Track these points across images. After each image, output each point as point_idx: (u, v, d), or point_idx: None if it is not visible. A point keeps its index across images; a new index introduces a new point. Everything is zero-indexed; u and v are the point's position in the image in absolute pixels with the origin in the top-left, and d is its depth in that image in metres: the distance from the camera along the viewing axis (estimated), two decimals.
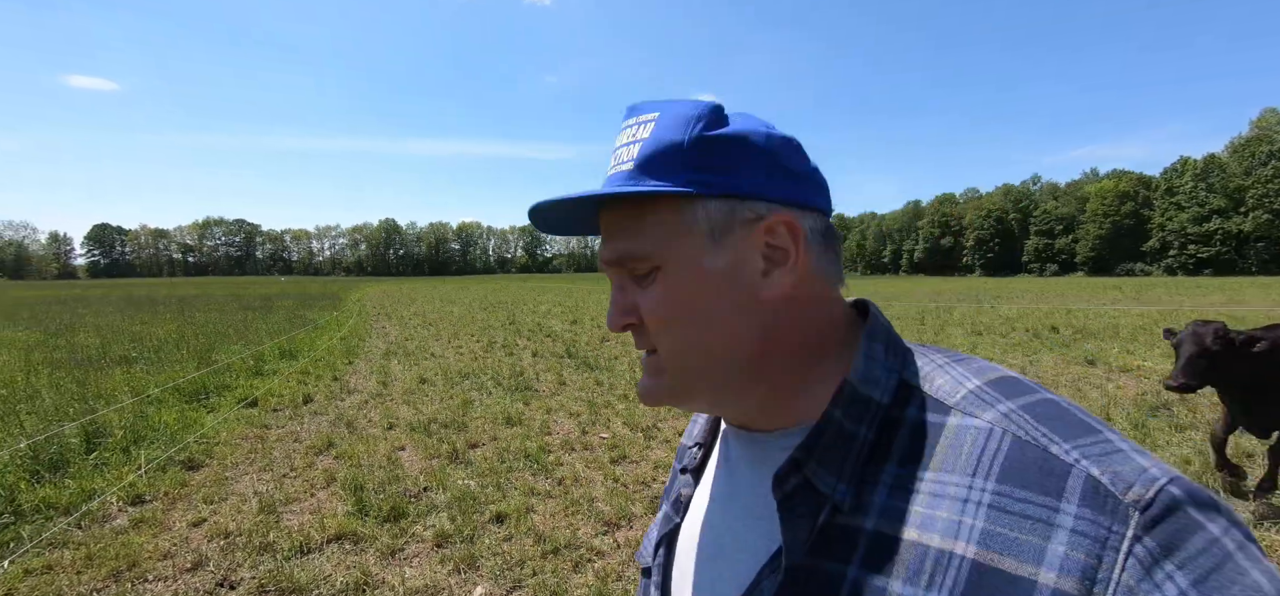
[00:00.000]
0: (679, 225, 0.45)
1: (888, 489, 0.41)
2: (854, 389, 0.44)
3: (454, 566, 3.01)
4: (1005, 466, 0.38)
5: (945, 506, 0.38)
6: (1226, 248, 71.12)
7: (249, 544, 3.26)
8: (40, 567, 3.07)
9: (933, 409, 0.43)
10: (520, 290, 37.87)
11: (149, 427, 5.24)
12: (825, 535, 0.42)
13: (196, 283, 68.38)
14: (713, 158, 0.44)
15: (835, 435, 0.43)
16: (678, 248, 0.45)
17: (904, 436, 0.42)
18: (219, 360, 8.68)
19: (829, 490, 0.42)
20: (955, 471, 0.39)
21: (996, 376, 0.43)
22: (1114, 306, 19.86)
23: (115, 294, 34.40)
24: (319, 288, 44.49)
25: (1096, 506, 0.34)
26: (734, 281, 0.45)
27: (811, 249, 0.46)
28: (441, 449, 4.87)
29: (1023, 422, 0.39)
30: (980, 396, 0.42)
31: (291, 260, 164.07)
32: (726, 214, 0.44)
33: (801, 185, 0.46)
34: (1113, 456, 0.36)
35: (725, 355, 0.46)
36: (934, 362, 0.46)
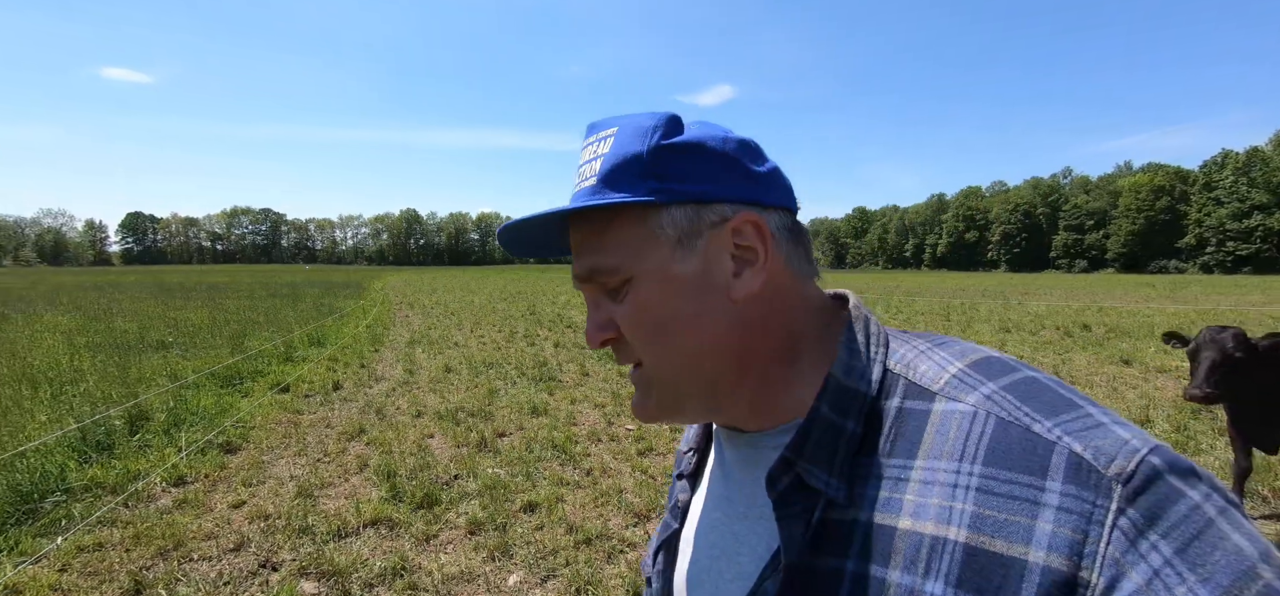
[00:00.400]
0: (646, 235, 0.45)
1: (879, 480, 0.41)
2: (838, 382, 0.44)
3: (488, 554, 3.05)
4: (990, 448, 0.38)
5: (936, 493, 0.39)
6: (1268, 245, 68.41)
7: (288, 526, 3.34)
8: (91, 544, 3.18)
9: (917, 396, 0.43)
10: (539, 281, 38.11)
11: (188, 411, 5.39)
12: (821, 531, 0.42)
13: (225, 270, 70.16)
14: (673, 165, 0.45)
15: (823, 430, 0.43)
16: (646, 257, 0.45)
17: (891, 426, 0.43)
18: (251, 347, 8.89)
19: (821, 486, 0.42)
20: (943, 457, 0.40)
21: (978, 358, 0.44)
22: (1147, 304, 19.28)
23: (148, 280, 35.45)
24: (342, 276, 45.31)
25: (1080, 482, 0.35)
26: (705, 284, 0.45)
27: (780, 245, 0.46)
28: (470, 437, 4.93)
29: (1005, 403, 0.39)
30: (962, 379, 0.42)
31: (315, 249, 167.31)
32: (692, 218, 0.45)
33: (763, 185, 0.46)
34: (1094, 430, 0.36)
35: (708, 359, 0.46)
36: (916, 349, 0.46)
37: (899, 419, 0.43)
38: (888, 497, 0.41)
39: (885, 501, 0.41)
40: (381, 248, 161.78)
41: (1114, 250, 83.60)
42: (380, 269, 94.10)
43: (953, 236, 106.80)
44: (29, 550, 3.12)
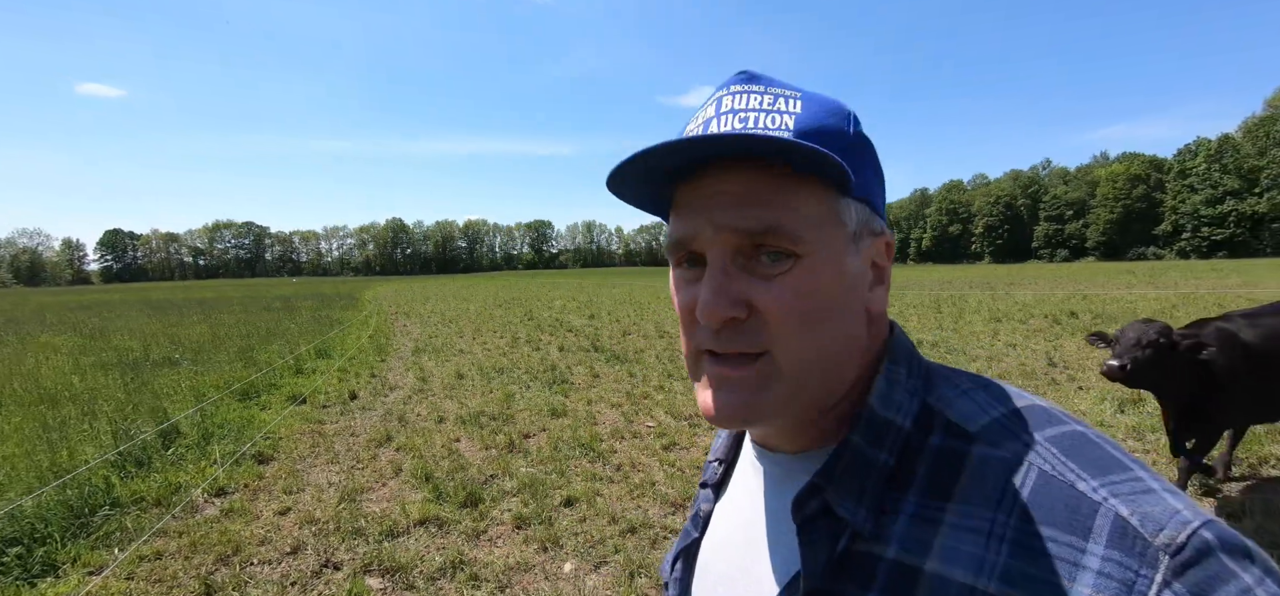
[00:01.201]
0: (833, 215, 0.42)
1: (908, 518, 0.41)
2: (874, 413, 0.44)
3: (539, 545, 3.21)
4: (1030, 501, 0.37)
5: (968, 540, 0.38)
6: (1240, 229, 70.43)
7: (340, 529, 3.48)
8: (150, 554, 3.29)
9: (956, 436, 0.42)
10: (530, 286, 38.13)
11: (215, 425, 5.48)
12: (845, 561, 0.42)
13: (210, 285, 69.21)
14: (862, 158, 0.44)
15: (854, 460, 0.43)
16: (828, 239, 0.42)
17: (926, 464, 0.42)
18: (261, 360, 8.94)
19: (848, 515, 0.42)
20: (978, 503, 0.39)
21: (1023, 405, 0.43)
22: (1130, 291, 19.83)
23: (134, 298, 34.93)
24: (332, 288, 44.96)
25: (1125, 548, 0.34)
26: (859, 288, 0.45)
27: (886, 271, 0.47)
28: (496, 440, 5.07)
29: (1049, 456, 0.38)
30: (1005, 426, 0.41)
31: (300, 261, 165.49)
32: (866, 218, 0.45)
33: (881, 199, 0.47)
34: (1144, 496, 0.35)
35: (839, 363, 0.45)
36: (957, 388, 0.45)
37: (935, 458, 0.42)
38: (917, 537, 0.40)
39: (914, 540, 0.40)
40: (368, 258, 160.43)
41: (1093, 239, 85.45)
42: (368, 279, 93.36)
43: (937, 230, 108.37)
44: (91, 562, 3.23)
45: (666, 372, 7.77)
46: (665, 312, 16.09)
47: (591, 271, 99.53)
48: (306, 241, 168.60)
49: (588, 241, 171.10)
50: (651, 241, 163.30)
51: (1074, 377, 6.76)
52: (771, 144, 0.38)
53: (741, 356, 0.42)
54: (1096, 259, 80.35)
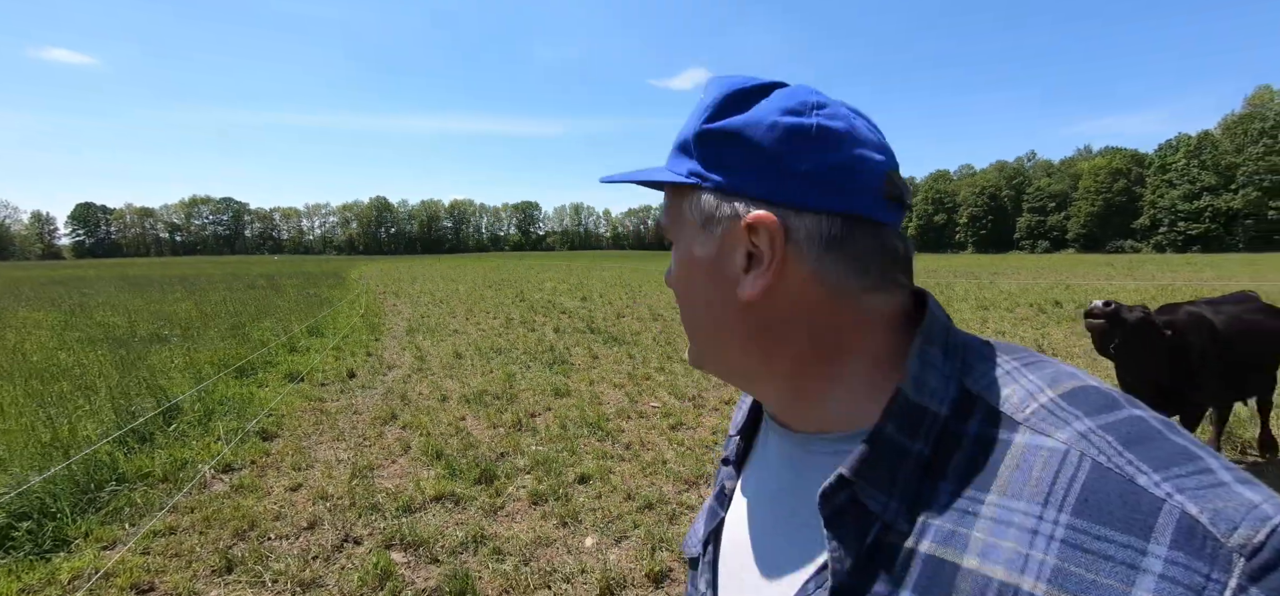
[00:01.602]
0: (682, 209, 0.48)
1: (945, 510, 0.38)
2: (907, 400, 0.41)
3: (558, 521, 3.25)
4: (1083, 496, 0.34)
5: (1012, 536, 0.35)
6: (1216, 225, 72.19)
7: (355, 505, 3.48)
8: (164, 529, 3.28)
9: (998, 424, 0.39)
10: (518, 267, 37.93)
11: (215, 402, 5.41)
12: (874, 554, 0.40)
13: (189, 262, 67.75)
14: (709, 149, 0.46)
15: (887, 450, 0.40)
16: (681, 231, 0.49)
17: (965, 453, 0.39)
18: (254, 338, 8.82)
19: (879, 509, 0.40)
20: (1023, 497, 0.36)
21: (1074, 386, 0.39)
22: (1110, 282, 20.32)
23: (111, 274, 34.09)
24: (316, 266, 44.25)
25: (1192, 550, 0.30)
26: (716, 274, 0.46)
27: (808, 253, 0.43)
28: (503, 419, 5.09)
29: (1104, 445, 0.35)
30: (1054, 411, 0.38)
31: (281, 239, 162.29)
32: (712, 207, 0.46)
33: (803, 184, 0.43)
34: (1214, 490, 0.32)
35: (719, 342, 0.49)
36: (1002, 368, 0.42)
37: (974, 446, 0.39)
38: (953, 531, 0.37)
39: (949, 534, 0.37)
40: (351, 236, 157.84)
41: (1074, 231, 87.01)
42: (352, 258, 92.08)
43: (922, 219, 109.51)
44: (103, 537, 3.20)
45: (665, 355, 7.82)
46: (657, 296, 16.14)
47: (579, 254, 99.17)
48: (288, 219, 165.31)
49: (575, 223, 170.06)
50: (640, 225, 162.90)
51: None
52: (636, 181, 0.51)
53: None
54: (1076, 251, 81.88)
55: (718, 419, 5.00)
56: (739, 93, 0.46)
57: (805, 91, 0.45)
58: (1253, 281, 19.71)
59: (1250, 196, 69.10)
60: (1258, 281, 19.67)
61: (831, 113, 0.44)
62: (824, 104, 0.44)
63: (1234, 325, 3.35)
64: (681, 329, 10.11)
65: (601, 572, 2.74)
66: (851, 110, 0.46)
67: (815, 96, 0.45)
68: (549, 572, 2.78)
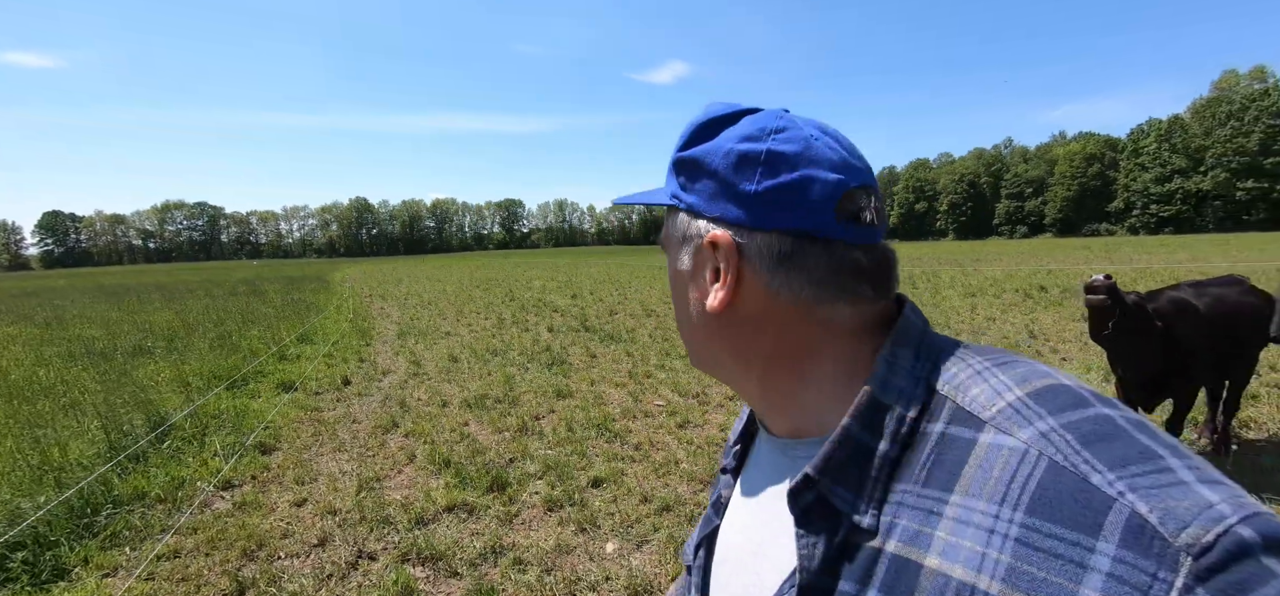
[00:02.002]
0: (669, 227, 0.53)
1: (911, 510, 0.39)
2: (873, 399, 0.42)
3: (576, 527, 3.21)
4: (1037, 494, 0.34)
5: (970, 535, 0.36)
6: (1186, 207, 74.12)
7: (365, 519, 3.40)
8: (167, 553, 3.17)
9: (964, 423, 0.39)
10: (504, 266, 37.61)
11: (208, 416, 5.27)
12: (843, 554, 0.41)
13: (165, 269, 66.07)
14: (684, 176, 0.51)
15: (853, 449, 0.41)
16: (669, 244, 0.54)
17: (931, 453, 0.40)
18: (242, 347, 8.61)
19: (846, 508, 0.41)
20: (982, 497, 0.36)
21: (1042, 385, 0.39)
22: (1089, 265, 20.71)
23: (84, 284, 33.09)
24: (297, 270, 43.45)
25: (1140, 549, 0.30)
26: (691, 287, 0.51)
27: (760, 269, 0.46)
28: (507, 423, 5.02)
29: (1063, 443, 0.35)
30: (1019, 410, 0.38)
31: (259, 243, 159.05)
32: (685, 226, 0.51)
33: (754, 206, 0.46)
34: (1168, 489, 0.31)
35: (703, 346, 0.53)
36: (972, 368, 0.42)
37: (939, 446, 0.39)
38: (918, 531, 0.38)
39: (914, 534, 0.38)
40: (331, 239, 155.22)
41: (1051, 215, 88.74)
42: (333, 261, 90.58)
43: (903, 208, 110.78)
44: (103, 563, 3.09)
45: (664, 351, 7.80)
46: (648, 291, 16.11)
47: (565, 251, 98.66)
48: (265, 222, 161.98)
49: (560, 220, 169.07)
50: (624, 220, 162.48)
51: (1057, 349, 7.06)
52: (642, 202, 0.56)
53: None
54: (1054, 235, 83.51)
55: (724, 416, 4.99)
56: (710, 122, 0.50)
57: (771, 117, 0.48)
58: (1226, 261, 20.25)
59: (1219, 178, 71.03)
60: (1230, 261, 20.22)
61: (787, 137, 0.46)
62: (783, 128, 0.46)
63: (1217, 308, 3.36)
64: (676, 327, 10.26)
65: (627, 579, 2.71)
66: (818, 130, 0.47)
67: (779, 121, 0.47)
68: (574, 581, 2.74)
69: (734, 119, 0.49)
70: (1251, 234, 53.29)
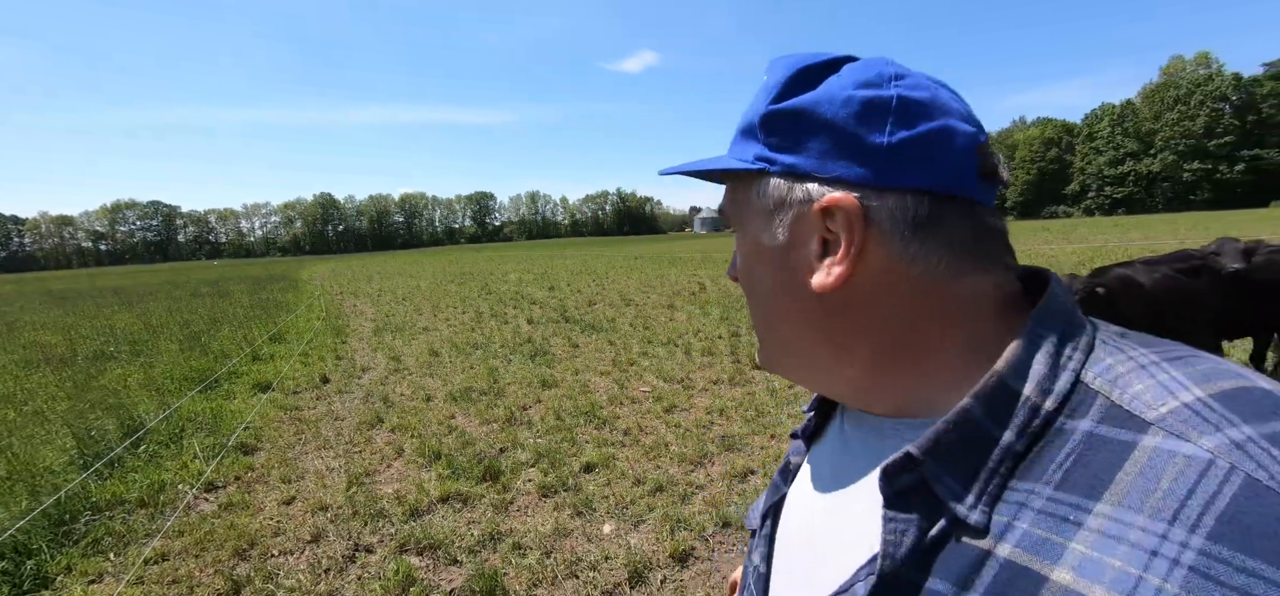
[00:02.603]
0: (748, 197, 0.46)
1: (1037, 514, 0.33)
2: (1003, 383, 0.36)
3: (572, 510, 3.26)
4: (1227, 516, 0.27)
5: (1121, 553, 0.29)
6: (1137, 188, 77.53)
7: (358, 514, 3.39)
8: (154, 556, 3.11)
9: (1121, 422, 0.33)
10: (477, 260, 37.15)
11: (184, 418, 5.14)
12: (937, 549, 0.35)
13: (120, 272, 63.21)
14: (777, 131, 0.43)
15: (970, 434, 0.36)
16: (747, 218, 0.46)
17: (1073, 452, 0.33)
18: (213, 349, 8.38)
19: (950, 497, 0.35)
20: (1144, 510, 0.29)
21: (1231, 386, 0.32)
22: (1049, 246, 21.52)
23: (31, 289, 31.51)
24: (262, 269, 42.12)
25: None
26: (784, 263, 0.44)
27: (891, 236, 0.40)
28: (495, 414, 5.03)
29: (1267, 458, 0.28)
30: (1200, 412, 0.31)
31: (219, 242, 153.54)
32: (782, 193, 0.43)
33: (884, 161, 0.39)
34: None
35: (789, 338, 0.46)
36: (1134, 360, 0.36)
37: (1085, 446, 0.33)
38: (1045, 538, 0.32)
39: (1039, 541, 0.32)
40: (296, 236, 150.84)
41: (1012, 199, 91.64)
42: (299, 259, 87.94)
43: None
44: (87, 570, 3.02)
45: (645, 339, 7.87)
46: (625, 281, 16.15)
47: (538, 243, 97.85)
48: (224, 220, 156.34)
49: (532, 212, 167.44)
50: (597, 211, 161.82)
51: None
52: (697, 171, 0.49)
53: None
54: (1015, 218, 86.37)
55: (709, 400, 5.09)
56: (808, 69, 0.43)
57: (881, 63, 0.42)
58: (1175, 240, 21.29)
59: (1167, 160, 74.42)
60: (1179, 240, 21.26)
61: (912, 83, 0.41)
62: (903, 75, 0.41)
63: (1167, 282, 3.44)
64: (656, 315, 10.11)
65: (626, 557, 2.77)
66: (934, 80, 0.43)
67: (893, 67, 0.42)
68: (574, 562, 2.80)
69: (834, 66, 0.43)
70: (1197, 213, 56.13)
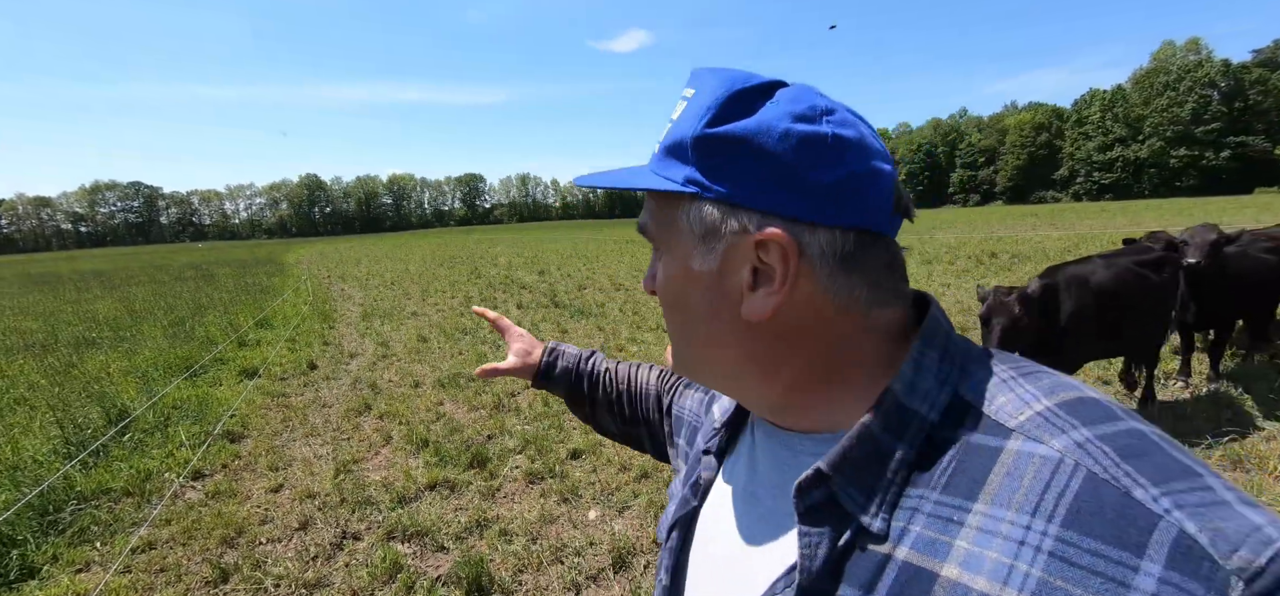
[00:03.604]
0: (676, 218, 0.45)
1: (927, 517, 0.37)
2: (896, 400, 0.40)
3: (558, 497, 3.31)
4: (1074, 507, 0.33)
5: (996, 545, 0.34)
6: (1125, 174, 78.21)
7: (345, 501, 3.41)
8: (142, 545, 3.12)
9: (989, 430, 0.38)
10: (467, 243, 36.94)
11: (169, 406, 5.11)
12: (848, 557, 0.39)
13: (100, 255, 62.11)
14: (713, 156, 0.42)
15: (870, 449, 0.39)
16: (673, 241, 0.46)
17: (952, 459, 0.38)
18: (198, 335, 8.30)
19: (856, 509, 0.39)
20: (1011, 506, 0.34)
21: (1071, 396, 0.38)
22: (1036, 232, 21.77)
23: (8, 272, 30.93)
24: (247, 252, 41.58)
25: (1187, 569, 0.29)
26: (716, 291, 0.44)
27: (820, 270, 0.41)
28: (482, 401, 5.05)
29: (1101, 456, 0.33)
30: (1050, 419, 0.36)
31: (203, 224, 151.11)
32: (715, 220, 0.43)
33: (819, 199, 0.41)
34: (1214, 509, 0.30)
35: (712, 357, 0.47)
36: (998, 377, 0.41)
37: (963, 452, 0.38)
38: (934, 539, 0.36)
39: (930, 542, 0.36)
40: (282, 218, 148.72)
41: (1002, 183, 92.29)
42: (285, 241, 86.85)
43: None
44: (74, 559, 3.02)
45: (634, 324, 7.90)
46: (616, 265, 16.14)
47: (529, 226, 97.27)
48: (208, 202, 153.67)
49: (523, 195, 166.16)
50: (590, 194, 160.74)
51: None
52: (614, 186, 0.48)
53: None
54: (1004, 203, 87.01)
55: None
56: (741, 93, 0.43)
57: (810, 94, 0.43)
58: (1159, 225, 21.60)
59: (1155, 146, 75.07)
60: (1164, 225, 21.58)
61: (841, 119, 0.42)
62: (832, 110, 0.42)
63: (1113, 280, 3.24)
64: (645, 300, 10.05)
65: (610, 543, 2.82)
66: (856, 115, 0.44)
67: (822, 100, 0.43)
68: (559, 548, 2.85)
69: (765, 92, 0.43)
70: (1182, 199, 56.83)
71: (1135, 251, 3.69)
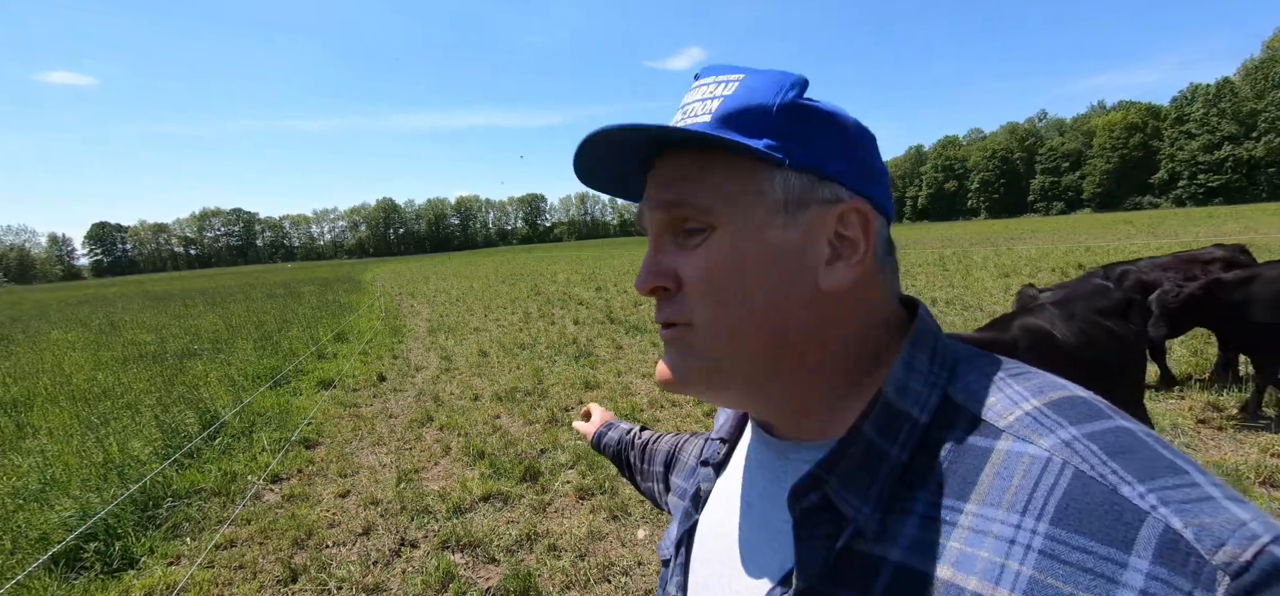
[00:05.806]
0: (752, 187, 0.42)
1: (920, 518, 0.38)
2: (888, 402, 0.40)
3: (608, 514, 3.28)
4: (1062, 505, 0.33)
5: (987, 545, 0.34)
6: (1237, 175, 70.36)
7: (406, 509, 3.54)
8: (224, 542, 3.36)
9: (980, 431, 0.38)
10: (528, 261, 38.03)
11: (255, 413, 5.52)
12: (843, 561, 0.39)
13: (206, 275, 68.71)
14: (800, 127, 0.42)
15: (863, 452, 0.40)
16: (744, 210, 0.42)
17: (944, 460, 0.38)
18: (283, 348, 8.96)
19: (851, 512, 0.39)
20: (1001, 506, 0.35)
21: (1060, 396, 0.38)
22: (1131, 241, 19.93)
23: (132, 291, 34.69)
24: (330, 271, 44.73)
25: (1174, 565, 0.29)
26: (797, 261, 0.42)
27: (878, 250, 0.44)
28: (537, 415, 5.13)
29: (1089, 454, 0.34)
30: (1038, 419, 0.37)
31: (293, 246, 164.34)
32: (806, 188, 0.42)
33: (877, 185, 0.44)
34: (1200, 504, 0.31)
35: (767, 339, 0.43)
36: (987, 377, 0.41)
37: (954, 454, 0.38)
38: (928, 539, 0.37)
39: (924, 543, 0.37)
40: (361, 239, 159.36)
41: (1089, 190, 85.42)
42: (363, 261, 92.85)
43: (932, 187, 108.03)
44: (167, 552, 3.29)
45: None
46: None
47: (588, 243, 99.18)
48: (297, 225, 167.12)
49: (582, 213, 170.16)
50: None
51: None
52: (660, 130, 0.42)
53: (679, 325, 0.45)
54: (1092, 210, 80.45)
55: None
56: (805, 81, 0.44)
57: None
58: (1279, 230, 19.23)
59: (1273, 144, 67.18)
60: None
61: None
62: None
63: (1077, 335, 2.79)
64: None
65: (659, 564, 2.77)
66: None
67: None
68: (607, 566, 2.82)
69: (803, 85, 0.44)
70: None
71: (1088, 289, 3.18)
